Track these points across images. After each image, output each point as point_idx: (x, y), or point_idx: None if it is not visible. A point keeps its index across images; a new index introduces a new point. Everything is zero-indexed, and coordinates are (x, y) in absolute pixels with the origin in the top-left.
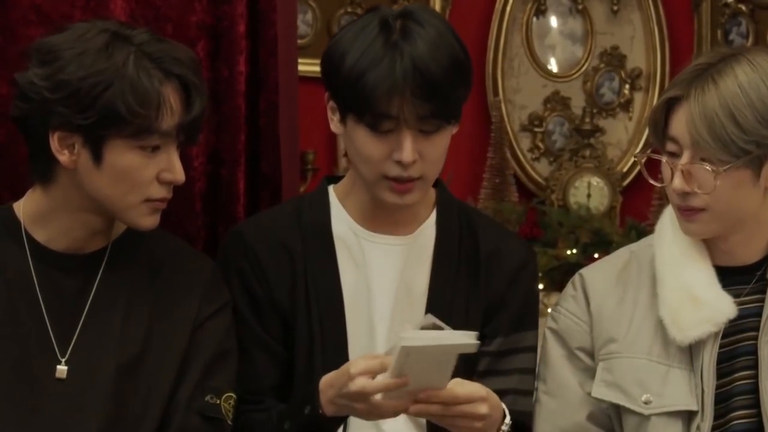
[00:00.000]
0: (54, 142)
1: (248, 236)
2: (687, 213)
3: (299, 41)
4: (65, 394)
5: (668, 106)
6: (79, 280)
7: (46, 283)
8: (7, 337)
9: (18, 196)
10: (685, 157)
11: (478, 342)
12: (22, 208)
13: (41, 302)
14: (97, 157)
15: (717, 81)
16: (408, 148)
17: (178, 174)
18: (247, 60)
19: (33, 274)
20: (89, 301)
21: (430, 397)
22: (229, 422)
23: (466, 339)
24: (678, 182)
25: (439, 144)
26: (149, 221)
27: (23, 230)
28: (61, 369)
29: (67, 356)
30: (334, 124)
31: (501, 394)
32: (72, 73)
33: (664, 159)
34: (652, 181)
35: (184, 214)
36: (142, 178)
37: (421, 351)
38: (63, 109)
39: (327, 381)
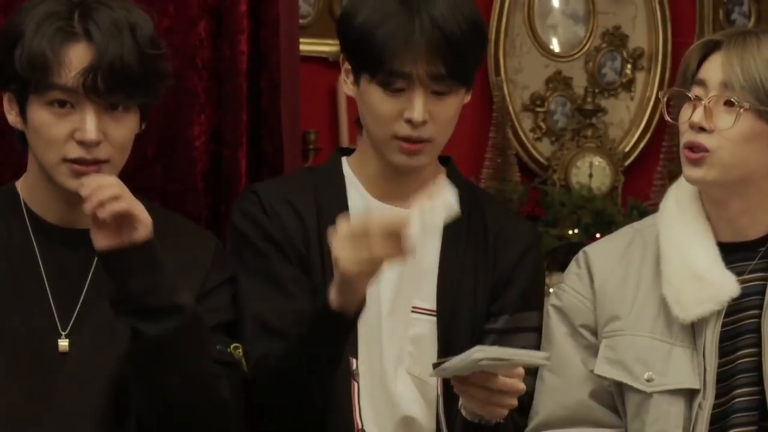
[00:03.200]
0: (5, 101)
1: (264, 193)
2: (694, 155)
3: (301, 21)
4: (68, 369)
5: (704, 51)
6: (80, 254)
7: (48, 256)
8: (10, 310)
9: (19, 175)
10: (711, 94)
11: (548, 355)
12: (21, 182)
13: (43, 275)
14: (24, 116)
15: (760, 37)
16: (419, 107)
17: (87, 133)
18: (249, 39)
19: (35, 247)
20: (90, 276)
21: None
22: (245, 368)
23: (538, 359)
24: (698, 116)
25: (451, 106)
26: (72, 183)
27: (22, 203)
28: (63, 343)
29: (68, 330)
30: (348, 86)
31: None
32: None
33: (691, 94)
34: (668, 118)
35: (186, 194)
36: (52, 135)
37: (491, 364)
38: None
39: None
